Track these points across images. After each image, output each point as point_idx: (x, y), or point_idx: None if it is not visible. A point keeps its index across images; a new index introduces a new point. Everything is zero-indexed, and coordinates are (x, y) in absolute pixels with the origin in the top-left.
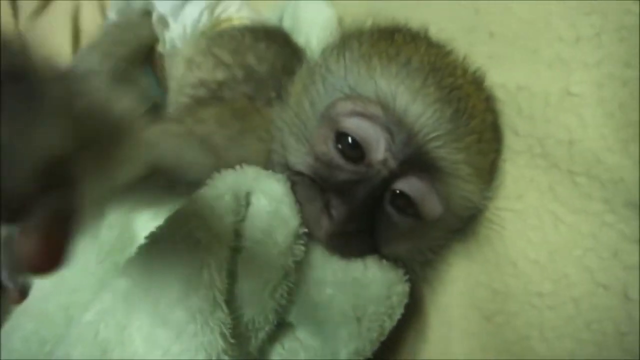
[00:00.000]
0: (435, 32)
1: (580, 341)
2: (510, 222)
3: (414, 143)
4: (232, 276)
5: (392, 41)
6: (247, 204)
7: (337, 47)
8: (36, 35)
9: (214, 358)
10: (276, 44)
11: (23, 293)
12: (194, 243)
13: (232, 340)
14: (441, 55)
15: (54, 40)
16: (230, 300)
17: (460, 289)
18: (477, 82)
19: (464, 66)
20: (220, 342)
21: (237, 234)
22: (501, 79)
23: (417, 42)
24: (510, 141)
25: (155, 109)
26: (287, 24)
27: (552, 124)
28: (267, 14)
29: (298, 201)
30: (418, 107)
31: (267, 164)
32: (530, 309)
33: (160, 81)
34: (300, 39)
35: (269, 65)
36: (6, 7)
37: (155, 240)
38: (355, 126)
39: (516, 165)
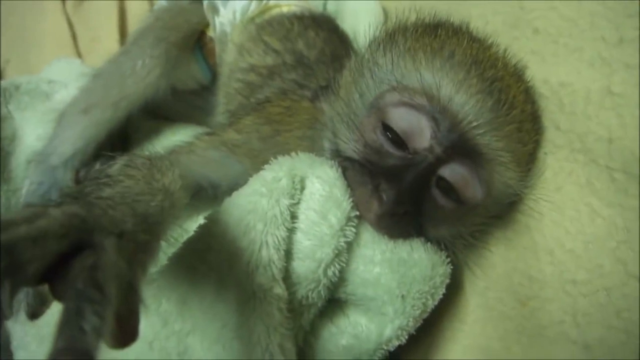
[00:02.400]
0: (480, 26)
1: (611, 328)
2: (549, 213)
3: (458, 131)
4: (288, 255)
5: (436, 35)
6: (302, 188)
7: (383, 41)
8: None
9: (270, 330)
10: (324, 31)
11: None
12: (250, 227)
13: (287, 314)
14: (483, 48)
15: (100, 24)
16: (286, 278)
17: (498, 274)
18: (517, 74)
19: (505, 59)
20: (277, 316)
21: (293, 215)
22: (544, 74)
23: (459, 36)
24: (552, 135)
25: (206, 92)
26: (330, 9)
27: (593, 121)
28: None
29: (349, 185)
30: (461, 97)
31: None
32: (565, 296)
33: (211, 64)
34: (344, 25)
35: (319, 51)
36: None
37: (215, 223)
38: (402, 115)
39: (556, 159)
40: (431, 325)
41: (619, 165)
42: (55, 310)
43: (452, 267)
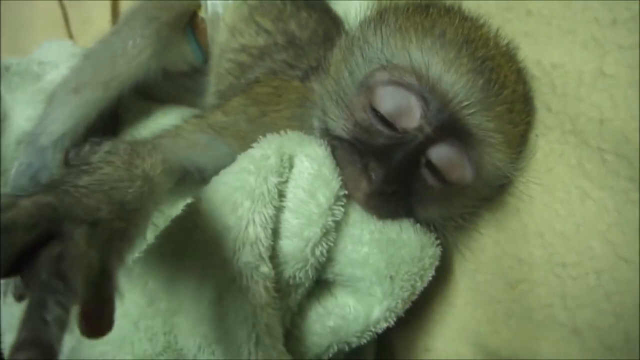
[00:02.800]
0: (473, 8)
1: (600, 311)
2: (539, 195)
3: (447, 110)
4: (275, 234)
5: (427, 14)
6: (291, 166)
7: (374, 20)
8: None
9: (257, 310)
10: (317, 12)
11: None
12: (238, 204)
13: (274, 294)
14: (474, 27)
15: (92, 6)
16: (274, 257)
17: (487, 257)
18: (509, 54)
19: (497, 39)
20: (264, 295)
21: (281, 194)
22: (536, 56)
23: (451, 15)
24: (543, 117)
25: (197, 74)
26: None
27: (585, 103)
28: None
29: (338, 164)
30: (451, 77)
31: None
32: (554, 279)
33: (203, 46)
34: (337, 7)
35: (311, 32)
36: None
37: (202, 201)
38: (392, 94)
39: (547, 140)
40: (420, 308)
41: (610, 147)
42: None
43: (441, 249)
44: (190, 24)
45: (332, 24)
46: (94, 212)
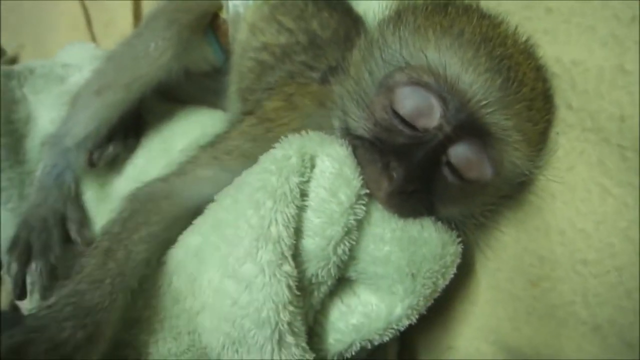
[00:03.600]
0: (493, 6)
1: (621, 308)
2: (560, 193)
3: (466, 109)
4: (298, 233)
5: (446, 14)
6: (312, 166)
7: (393, 20)
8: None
9: (280, 308)
10: (338, 13)
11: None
12: (260, 204)
13: (297, 293)
14: (492, 26)
15: (114, 8)
16: (296, 255)
17: (508, 255)
18: (527, 52)
19: (515, 36)
20: (287, 294)
21: (303, 193)
22: (556, 53)
23: (469, 14)
24: (563, 114)
25: (218, 74)
26: None
27: (605, 100)
28: None
29: (359, 163)
30: (470, 76)
31: None
32: (575, 276)
33: (224, 47)
34: (359, 7)
35: (332, 32)
36: None
37: (224, 201)
38: (411, 94)
39: (568, 138)
40: (442, 307)
41: (630, 144)
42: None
43: (462, 246)
44: (211, 25)
45: (353, 24)
46: (57, 336)
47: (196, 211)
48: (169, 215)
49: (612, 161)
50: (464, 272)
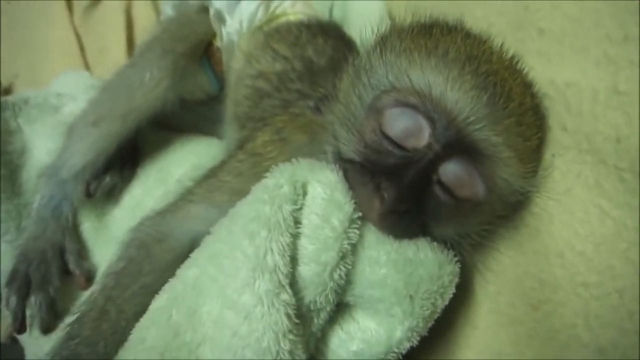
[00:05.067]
0: (485, 28)
1: (624, 330)
2: (558, 215)
3: (454, 127)
4: (294, 261)
5: (431, 35)
6: (304, 193)
7: (379, 43)
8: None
9: (280, 337)
10: (332, 39)
11: (89, 279)
12: (255, 234)
13: (296, 321)
14: (477, 43)
15: (107, 35)
16: (293, 283)
17: (509, 278)
18: (513, 67)
19: (500, 53)
20: (286, 322)
21: (297, 221)
22: (550, 75)
23: (453, 34)
24: (559, 136)
25: (213, 102)
26: (337, 15)
27: (600, 121)
28: (317, 5)
29: (351, 186)
30: (455, 94)
31: None
32: (576, 299)
33: (218, 74)
34: (351, 31)
35: (328, 58)
36: (61, 3)
37: (219, 232)
38: (399, 116)
39: (564, 160)
40: (443, 331)
41: (628, 165)
42: None
43: (460, 266)
44: (205, 53)
45: (348, 49)
46: None
47: (191, 247)
48: (163, 262)
49: (610, 183)
50: (465, 295)
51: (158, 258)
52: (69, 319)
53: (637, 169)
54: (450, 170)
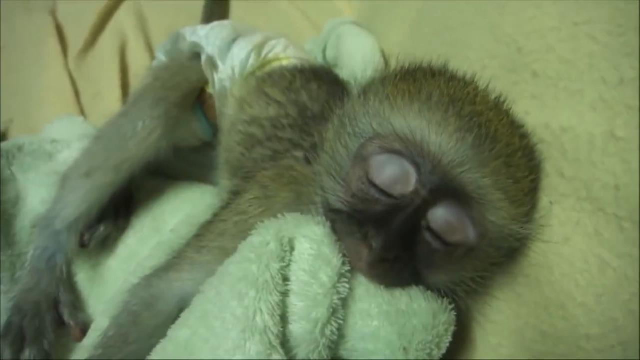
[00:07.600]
0: (478, 71)
1: None
2: (557, 265)
3: (439, 171)
4: (284, 319)
5: (415, 80)
6: (292, 249)
7: (363, 93)
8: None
9: None
10: (326, 84)
11: (84, 330)
12: (243, 295)
13: None
14: (461, 86)
15: (102, 80)
16: (285, 342)
17: (510, 331)
18: (498, 108)
19: (485, 94)
20: None
21: (285, 278)
22: (545, 119)
23: (437, 78)
24: (556, 183)
25: (207, 148)
26: (330, 55)
27: (598, 168)
28: (310, 46)
29: (338, 237)
30: (439, 137)
31: None
32: (579, 352)
33: (211, 121)
34: (344, 71)
35: (322, 104)
36: (55, 45)
37: (209, 292)
38: (385, 163)
39: (562, 208)
40: None
41: (627, 214)
42: None
43: (456, 314)
44: (198, 99)
45: (342, 95)
46: None
47: (180, 309)
48: (150, 328)
49: (610, 232)
50: (466, 347)
51: (145, 325)
52: None
53: (637, 218)
54: (439, 215)
